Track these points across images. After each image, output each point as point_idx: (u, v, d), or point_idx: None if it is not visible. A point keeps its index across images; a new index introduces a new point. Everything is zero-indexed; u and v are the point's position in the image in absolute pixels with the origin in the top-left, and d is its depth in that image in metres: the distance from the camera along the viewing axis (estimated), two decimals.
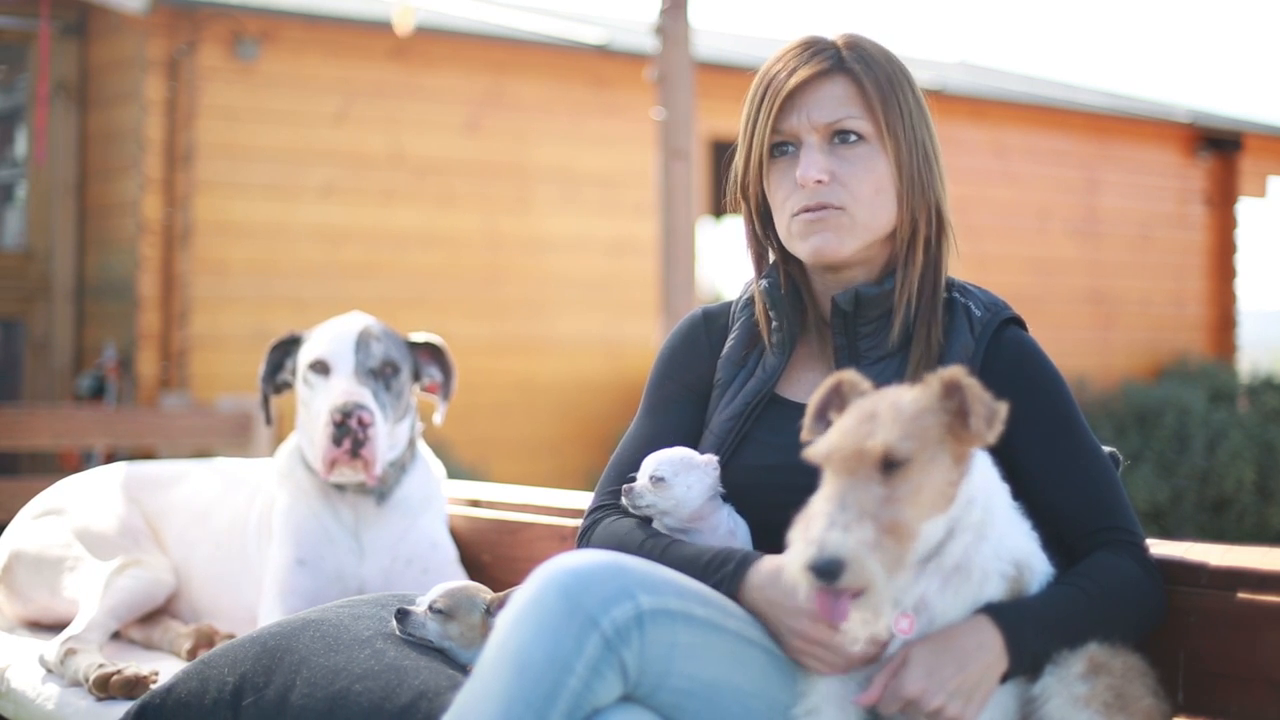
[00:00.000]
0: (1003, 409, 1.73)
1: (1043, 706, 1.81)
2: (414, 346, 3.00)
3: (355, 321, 2.93)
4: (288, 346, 3.00)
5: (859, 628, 1.70)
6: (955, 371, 1.75)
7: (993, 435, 1.73)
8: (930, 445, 1.70)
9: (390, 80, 8.67)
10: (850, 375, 1.78)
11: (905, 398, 1.73)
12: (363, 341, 2.89)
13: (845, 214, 2.06)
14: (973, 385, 1.73)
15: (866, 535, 1.63)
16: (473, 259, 8.92)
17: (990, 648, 1.78)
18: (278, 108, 8.33)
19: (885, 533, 1.64)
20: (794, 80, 2.07)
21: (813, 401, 1.79)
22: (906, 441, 1.68)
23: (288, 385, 3.01)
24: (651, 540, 2.02)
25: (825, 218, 2.06)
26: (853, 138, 2.07)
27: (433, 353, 3.02)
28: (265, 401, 3.02)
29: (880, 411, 1.71)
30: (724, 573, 1.90)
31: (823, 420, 1.80)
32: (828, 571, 1.61)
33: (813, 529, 1.64)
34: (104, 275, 8.29)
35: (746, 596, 1.88)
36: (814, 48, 2.10)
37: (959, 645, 1.77)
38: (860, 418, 1.71)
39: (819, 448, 1.71)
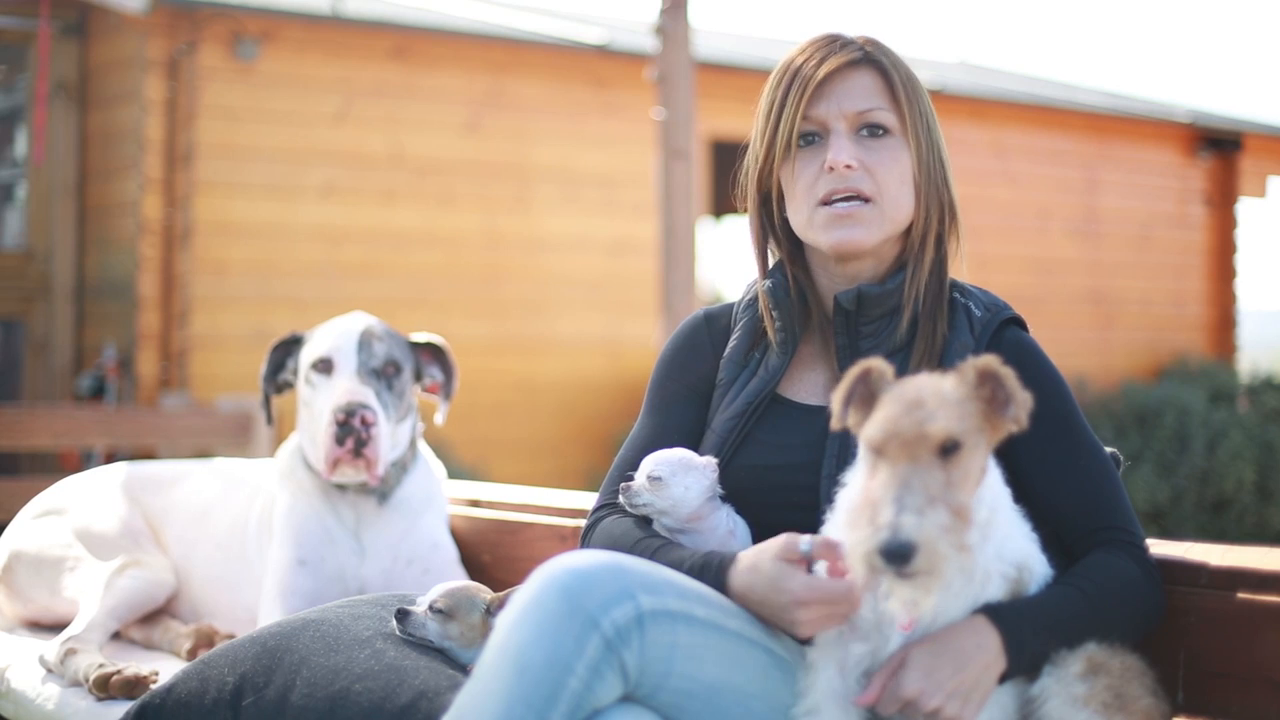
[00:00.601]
0: (1029, 398, 1.75)
1: (1041, 707, 1.81)
2: (415, 346, 3.00)
3: (358, 321, 2.92)
4: (289, 346, 3.00)
5: (903, 608, 1.70)
6: (989, 360, 1.76)
7: (1026, 422, 1.74)
8: (975, 431, 1.72)
9: (390, 80, 8.67)
10: (878, 363, 1.78)
11: (945, 385, 1.74)
12: (365, 341, 2.88)
13: (874, 206, 2.07)
14: (1008, 374, 1.75)
15: (941, 519, 1.63)
16: (473, 259, 8.92)
17: (988, 648, 1.78)
18: (278, 108, 8.33)
19: (954, 516, 1.65)
20: (825, 69, 2.08)
21: (842, 389, 1.77)
22: (962, 425, 1.69)
23: (289, 385, 3.01)
24: (645, 542, 2.02)
25: (854, 211, 2.07)
26: (880, 131, 2.09)
27: (434, 353, 3.02)
28: (267, 401, 3.02)
29: (926, 398, 1.71)
30: (704, 579, 1.90)
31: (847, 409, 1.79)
32: (900, 555, 1.60)
33: (882, 514, 1.63)
34: (104, 275, 8.29)
35: (733, 597, 1.88)
36: (839, 41, 2.12)
37: (957, 646, 1.77)
38: (908, 404, 1.70)
39: (874, 433, 1.70)
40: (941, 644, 1.77)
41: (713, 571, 1.90)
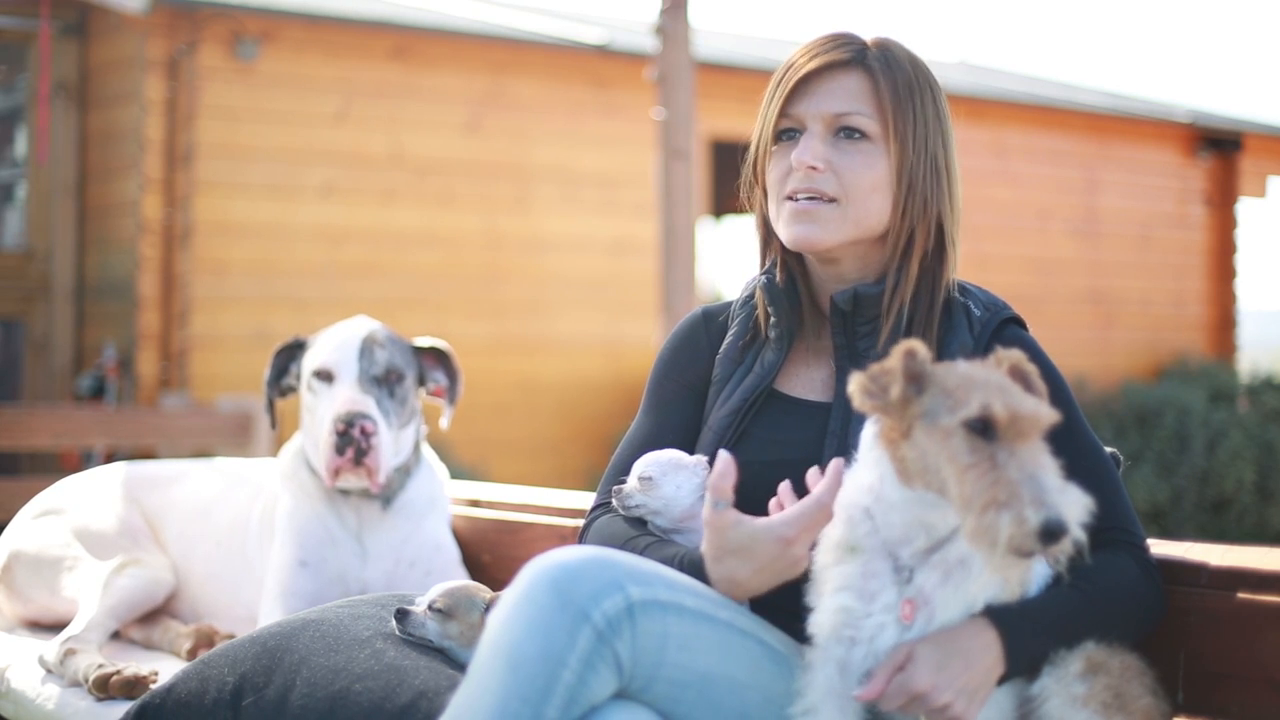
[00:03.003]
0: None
1: (1041, 707, 1.81)
2: (419, 351, 2.99)
3: (360, 327, 2.92)
4: (293, 351, 2.99)
5: (994, 586, 1.72)
6: (1018, 356, 1.76)
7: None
8: None
9: (390, 80, 8.67)
10: (920, 345, 1.74)
11: (997, 373, 1.73)
12: (367, 348, 2.88)
13: (836, 206, 2.05)
14: (1034, 371, 1.76)
15: (1076, 497, 1.64)
16: (473, 259, 8.92)
17: (992, 650, 1.78)
18: (278, 108, 8.33)
19: None
20: (809, 66, 2.07)
21: (900, 365, 1.73)
22: None
23: (293, 389, 3.01)
24: (636, 540, 2.03)
25: (813, 209, 2.05)
26: (856, 135, 2.06)
27: (438, 357, 3.01)
28: (270, 406, 3.02)
29: (1012, 383, 1.71)
30: (687, 564, 1.91)
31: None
32: (1057, 534, 1.60)
33: (1043, 491, 1.61)
34: (104, 275, 8.29)
35: (719, 586, 1.88)
36: (839, 40, 2.10)
37: (965, 645, 1.77)
38: (1005, 387, 1.69)
39: (1000, 412, 1.66)
40: (950, 642, 1.77)
41: (697, 567, 1.91)
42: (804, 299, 2.16)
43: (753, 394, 2.11)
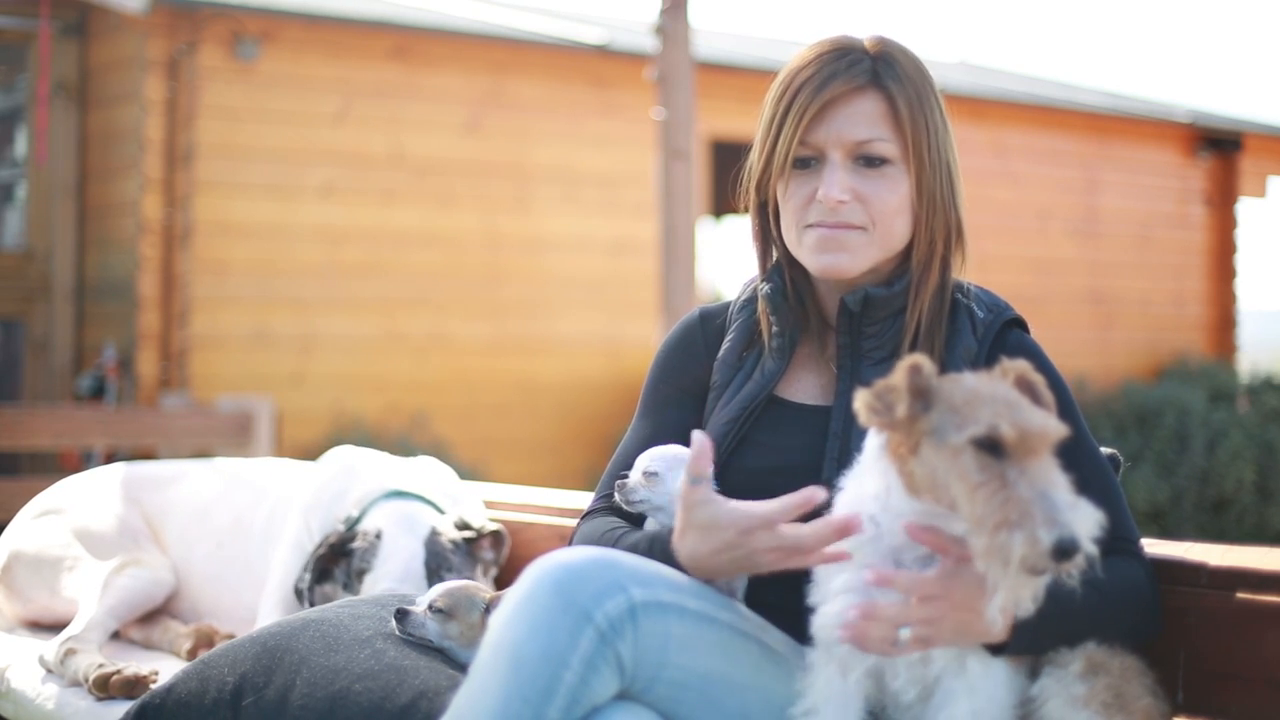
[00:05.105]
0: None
1: (1041, 707, 1.80)
2: (473, 541, 2.84)
3: (419, 548, 2.73)
4: (335, 557, 2.79)
5: (1013, 606, 1.68)
6: (1025, 366, 1.75)
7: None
8: None
9: (390, 80, 8.67)
10: (925, 359, 1.72)
11: (1004, 385, 1.72)
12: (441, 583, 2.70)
13: (864, 233, 2.03)
14: (1040, 380, 1.75)
15: (1087, 511, 1.63)
16: (473, 259, 8.92)
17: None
18: (278, 108, 8.33)
19: None
20: (827, 94, 2.02)
21: (906, 382, 1.70)
22: None
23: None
24: (611, 533, 2.03)
25: (841, 237, 2.03)
26: (878, 161, 2.03)
27: (492, 536, 2.87)
28: (311, 602, 2.77)
29: (1021, 397, 1.70)
30: (654, 556, 1.89)
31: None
32: (1070, 552, 1.59)
33: (1055, 510, 1.61)
34: (104, 275, 8.29)
35: (687, 567, 1.86)
36: (848, 56, 2.05)
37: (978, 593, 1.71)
38: (1013, 402, 1.68)
39: (1008, 431, 1.64)
40: (973, 582, 1.71)
41: (661, 545, 1.90)
42: (807, 305, 2.15)
43: (752, 401, 2.10)
